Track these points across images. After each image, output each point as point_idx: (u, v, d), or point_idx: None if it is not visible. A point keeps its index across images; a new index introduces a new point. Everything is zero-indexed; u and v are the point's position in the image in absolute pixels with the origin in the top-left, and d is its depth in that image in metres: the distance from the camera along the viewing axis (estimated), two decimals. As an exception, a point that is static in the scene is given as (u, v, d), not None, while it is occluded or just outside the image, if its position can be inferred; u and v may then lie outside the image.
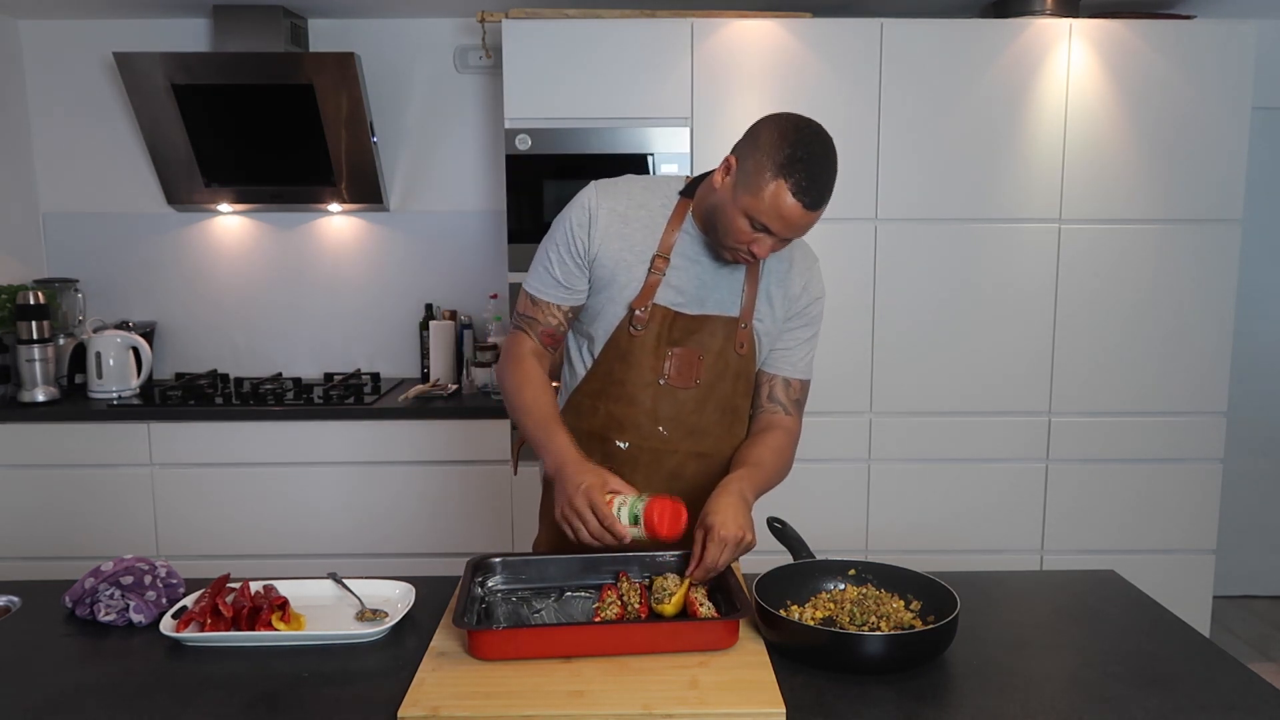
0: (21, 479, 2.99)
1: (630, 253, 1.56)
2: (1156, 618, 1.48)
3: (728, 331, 1.58)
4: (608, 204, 1.57)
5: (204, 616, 1.38)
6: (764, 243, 1.45)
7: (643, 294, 1.56)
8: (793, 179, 1.38)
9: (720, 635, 1.30)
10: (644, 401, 1.59)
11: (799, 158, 1.38)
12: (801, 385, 1.69)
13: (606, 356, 1.60)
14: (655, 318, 1.56)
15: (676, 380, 1.58)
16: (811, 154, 1.39)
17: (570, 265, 1.57)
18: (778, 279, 1.62)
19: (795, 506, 2.32)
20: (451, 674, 1.23)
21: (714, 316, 1.58)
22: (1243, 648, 3.30)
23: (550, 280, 1.59)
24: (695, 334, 1.57)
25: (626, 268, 1.56)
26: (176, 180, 3.31)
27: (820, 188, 1.39)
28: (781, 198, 1.39)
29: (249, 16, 3.13)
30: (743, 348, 1.60)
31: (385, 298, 3.51)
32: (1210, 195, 2.90)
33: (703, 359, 1.58)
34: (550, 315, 1.61)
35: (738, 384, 1.63)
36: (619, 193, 1.58)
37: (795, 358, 1.67)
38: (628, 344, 1.58)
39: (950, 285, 2.93)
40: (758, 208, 1.41)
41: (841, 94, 2.85)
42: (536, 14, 2.89)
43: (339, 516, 3.03)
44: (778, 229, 1.42)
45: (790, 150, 1.38)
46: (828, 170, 1.41)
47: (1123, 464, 3.00)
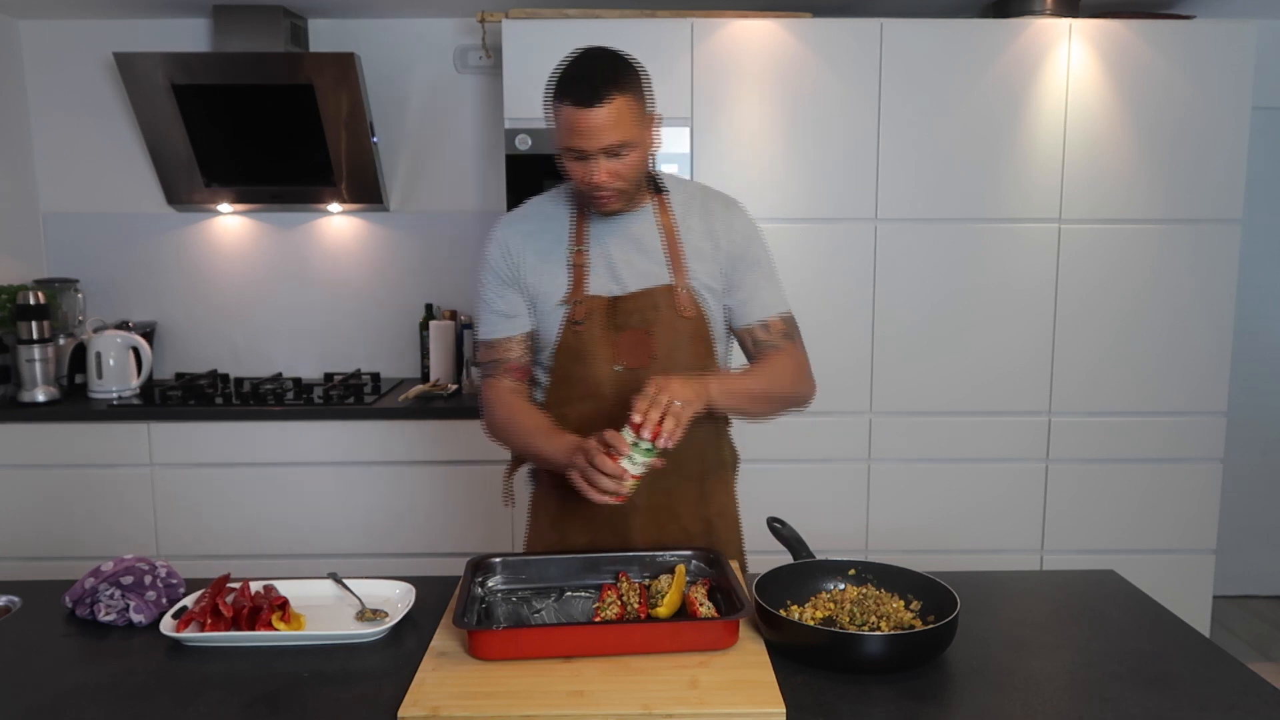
0: (21, 479, 2.99)
1: (549, 260, 1.60)
2: (1156, 618, 1.48)
3: (667, 300, 1.58)
4: (514, 228, 1.63)
5: (204, 616, 1.38)
6: (591, 168, 1.47)
7: (574, 288, 1.58)
8: (561, 91, 1.44)
9: (720, 635, 1.30)
10: (606, 392, 1.59)
11: (563, 74, 1.46)
12: (782, 320, 1.66)
13: (560, 361, 1.61)
14: (593, 308, 1.58)
15: (631, 362, 1.58)
16: (569, 63, 1.46)
17: (507, 294, 1.62)
18: (699, 233, 1.61)
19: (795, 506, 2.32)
20: (451, 674, 1.23)
21: (649, 290, 1.58)
22: (1243, 648, 3.30)
23: (495, 317, 1.63)
24: (636, 312, 1.58)
25: (550, 276, 1.59)
26: (176, 180, 3.31)
27: (583, 83, 1.43)
28: (560, 113, 1.45)
29: (249, 16, 3.13)
30: (687, 310, 1.59)
31: (385, 298, 3.51)
32: (1210, 195, 2.90)
33: (651, 334, 1.58)
34: (509, 350, 1.63)
35: (696, 347, 1.62)
36: (522, 216, 1.65)
37: (762, 300, 1.65)
38: (575, 342, 1.59)
39: (950, 285, 2.93)
40: (560, 138, 1.47)
41: (841, 94, 2.85)
42: (536, 14, 2.89)
43: (339, 516, 3.03)
44: (577, 142, 1.45)
45: (555, 75, 1.46)
46: (587, 66, 1.45)
47: (1123, 464, 3.00)
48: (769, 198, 2.88)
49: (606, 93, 1.42)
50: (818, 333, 2.92)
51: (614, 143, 1.45)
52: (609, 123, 1.43)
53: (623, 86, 1.44)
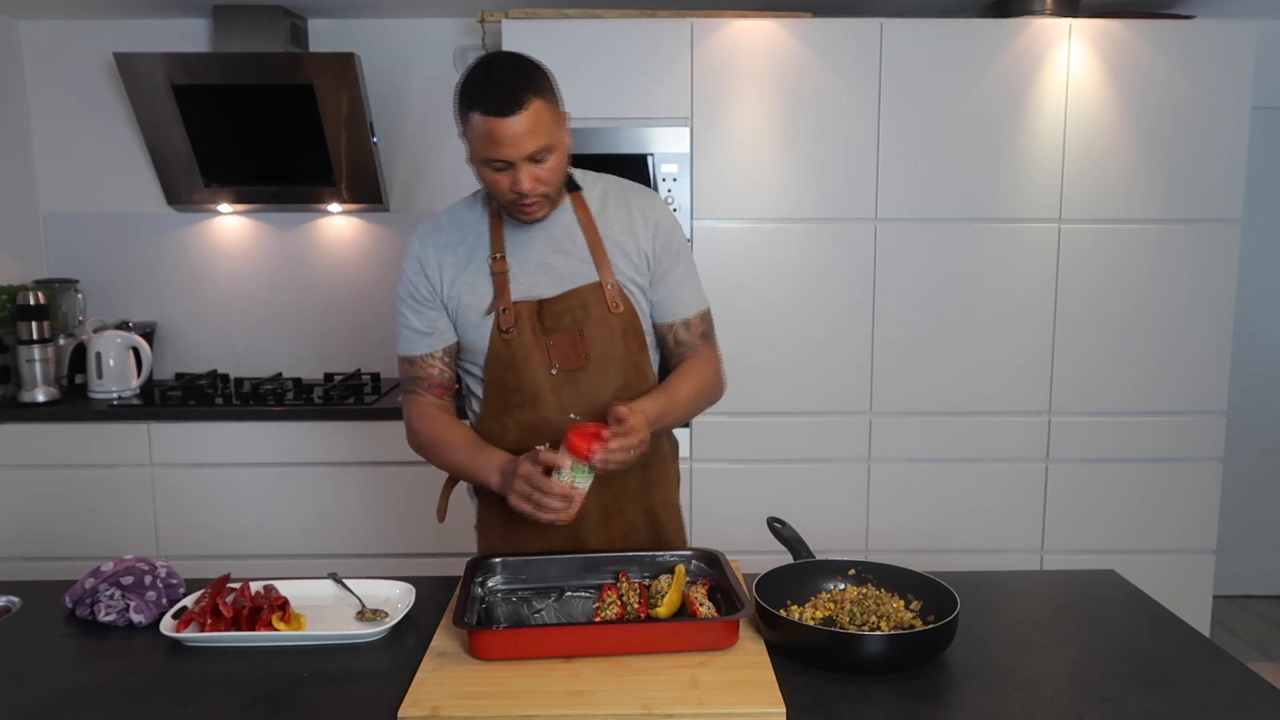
0: (21, 479, 2.99)
1: (467, 271, 1.57)
2: (1156, 618, 1.48)
3: (595, 298, 1.57)
4: (430, 241, 1.59)
5: (204, 616, 1.38)
6: (516, 176, 1.44)
7: (498, 296, 1.55)
8: (477, 102, 1.40)
9: (720, 635, 1.30)
10: (544, 397, 1.57)
11: (473, 83, 1.42)
12: (701, 318, 1.66)
13: (493, 371, 1.59)
14: (521, 314, 1.55)
15: (566, 364, 1.57)
16: (482, 72, 1.42)
17: (424, 311, 1.59)
18: (620, 227, 1.60)
19: (795, 506, 2.32)
20: (451, 674, 1.23)
21: (576, 290, 1.56)
22: (1243, 648, 3.30)
23: (413, 334, 1.61)
24: (566, 313, 1.56)
25: (470, 287, 1.57)
26: (176, 180, 3.31)
27: (501, 92, 1.39)
28: (478, 123, 1.41)
29: (249, 16, 3.13)
30: (617, 306, 1.58)
31: (385, 298, 3.51)
32: (1210, 195, 2.90)
33: (583, 334, 1.56)
34: (429, 367, 1.62)
35: (629, 342, 1.60)
36: (437, 228, 1.61)
37: (681, 295, 1.63)
38: (506, 350, 1.56)
39: (950, 285, 2.93)
40: (477, 149, 1.44)
41: (841, 94, 2.85)
42: (536, 14, 2.89)
43: (339, 516, 3.03)
44: (500, 153, 1.41)
45: (466, 83, 1.43)
46: (503, 74, 1.41)
47: (1123, 464, 3.00)
48: (769, 198, 2.88)
49: (524, 99, 1.39)
50: (818, 333, 2.94)
51: (537, 148, 1.42)
52: (529, 129, 1.40)
53: (537, 90, 1.41)
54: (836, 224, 2.91)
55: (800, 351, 2.94)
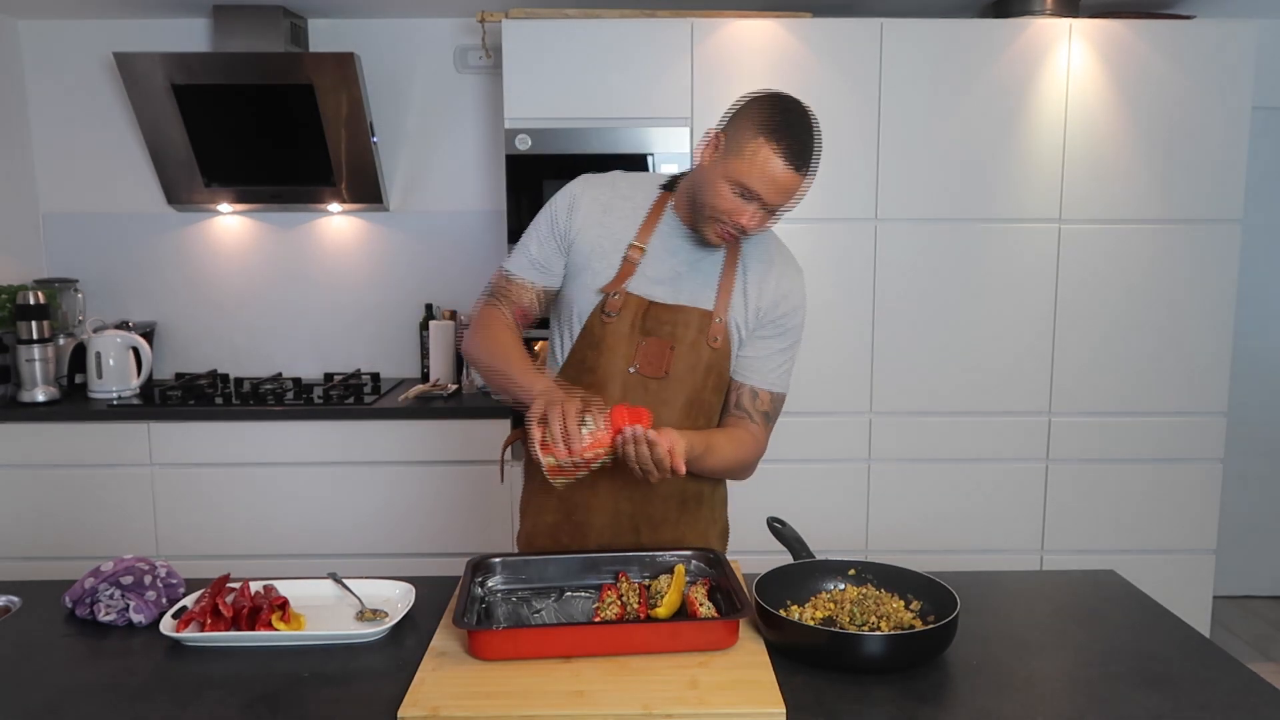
0: (21, 479, 2.99)
1: (608, 240, 1.58)
2: (1156, 618, 1.48)
3: (701, 324, 1.57)
4: (592, 192, 1.60)
5: (204, 616, 1.38)
6: (748, 212, 1.45)
7: (616, 279, 1.56)
8: (782, 141, 1.41)
9: (720, 635, 1.30)
10: (613, 390, 1.57)
11: (784, 121, 1.42)
12: (771, 398, 1.64)
13: (580, 344, 1.60)
14: (629, 305, 1.56)
15: (646, 369, 1.57)
16: (797, 118, 1.43)
17: (549, 247, 1.60)
18: (755, 277, 1.60)
19: (795, 506, 2.32)
20: (451, 674, 1.23)
21: (688, 307, 1.57)
22: (1243, 648, 3.30)
23: (526, 260, 1.61)
24: (667, 324, 1.57)
25: (602, 255, 1.57)
26: (176, 180, 3.31)
27: (805, 150, 1.42)
28: (768, 159, 1.41)
29: (249, 16, 3.13)
30: (716, 341, 1.58)
31: (385, 298, 3.51)
32: (1210, 195, 2.90)
33: (674, 349, 1.57)
34: (523, 294, 1.62)
35: (708, 378, 1.61)
36: (604, 183, 1.62)
37: (766, 367, 1.63)
38: (600, 331, 1.57)
39: (950, 285, 2.93)
40: (745, 170, 1.42)
41: (841, 94, 2.85)
42: (536, 14, 2.89)
43: (339, 516, 3.03)
44: (764, 191, 1.43)
45: (776, 115, 1.43)
46: (812, 135, 1.43)
47: (1123, 464, 3.00)
48: (769, 198, 2.88)
49: (815, 166, 1.43)
50: (818, 333, 2.93)
51: (783, 206, 1.46)
52: (797, 191, 1.44)
53: (817, 165, 1.45)
54: (836, 224, 2.91)
55: (801, 352, 2.93)
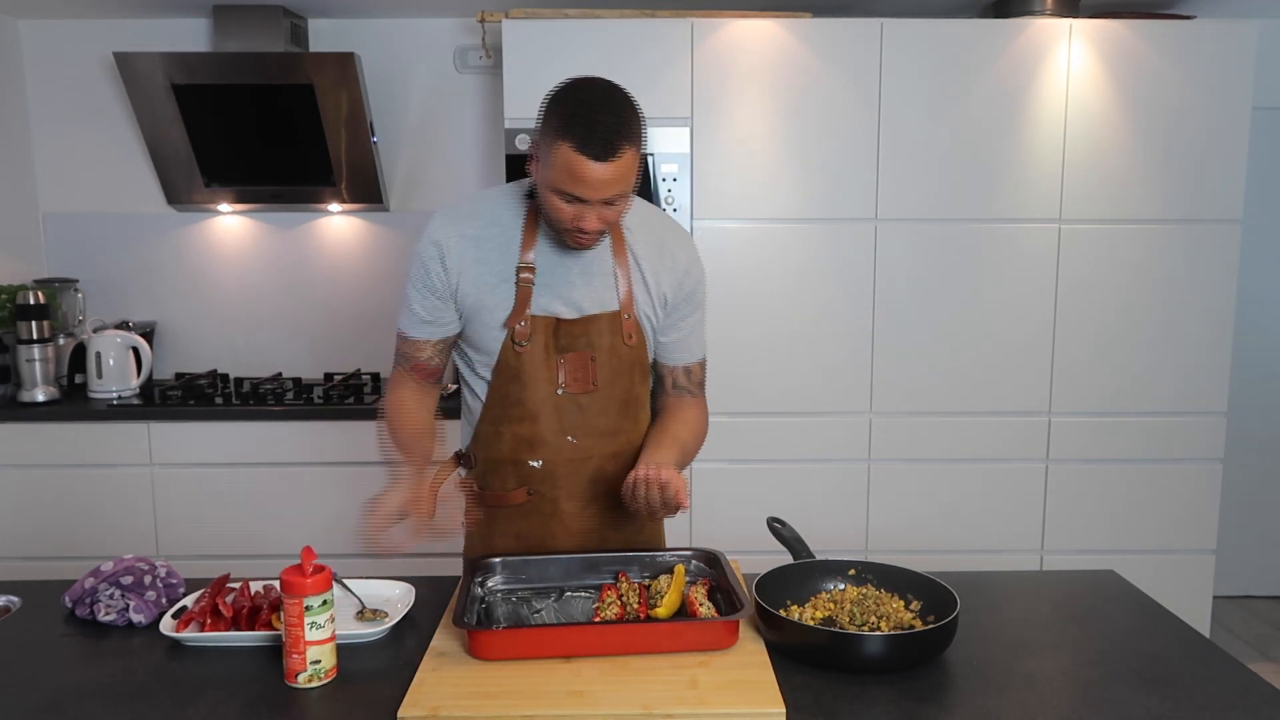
0: (21, 479, 2.99)
1: (491, 274, 1.52)
2: (1156, 618, 1.48)
3: (613, 327, 1.56)
4: (456, 230, 1.53)
5: (204, 616, 1.38)
6: (585, 214, 1.41)
7: (516, 310, 1.52)
8: (574, 136, 1.35)
9: (720, 635, 1.30)
10: (546, 415, 1.56)
11: (575, 114, 1.36)
12: (700, 366, 1.68)
13: (499, 379, 1.57)
14: (538, 328, 1.53)
15: (574, 387, 1.56)
16: (588, 106, 1.37)
17: (432, 300, 1.54)
18: (649, 264, 1.58)
19: (795, 506, 2.32)
20: (451, 674, 1.23)
21: (597, 315, 1.55)
22: (1243, 648, 3.30)
23: (414, 319, 1.57)
24: (581, 336, 1.55)
25: (490, 290, 1.52)
26: (176, 180, 3.31)
27: (604, 136, 1.35)
28: (569, 158, 1.36)
29: (249, 16, 3.13)
30: (631, 339, 1.57)
31: (385, 298, 3.51)
32: (1210, 195, 2.90)
33: (595, 359, 1.56)
34: (420, 351, 1.60)
35: (633, 374, 1.60)
36: (465, 216, 1.54)
37: (691, 344, 1.65)
38: (516, 362, 1.54)
39: (950, 285, 2.93)
40: (556, 177, 1.38)
41: (841, 94, 2.85)
42: (536, 14, 2.89)
43: (339, 516, 3.02)
44: (582, 192, 1.38)
45: (566, 109, 1.37)
46: (610, 116, 1.37)
47: (1123, 464, 3.00)
48: (769, 198, 2.88)
49: (620, 147, 1.36)
50: (818, 333, 2.94)
51: (616, 194, 1.40)
52: (616, 177, 1.38)
53: (633, 138, 1.38)
54: (836, 224, 2.91)
55: (800, 351, 2.94)
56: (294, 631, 1.22)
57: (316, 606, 1.23)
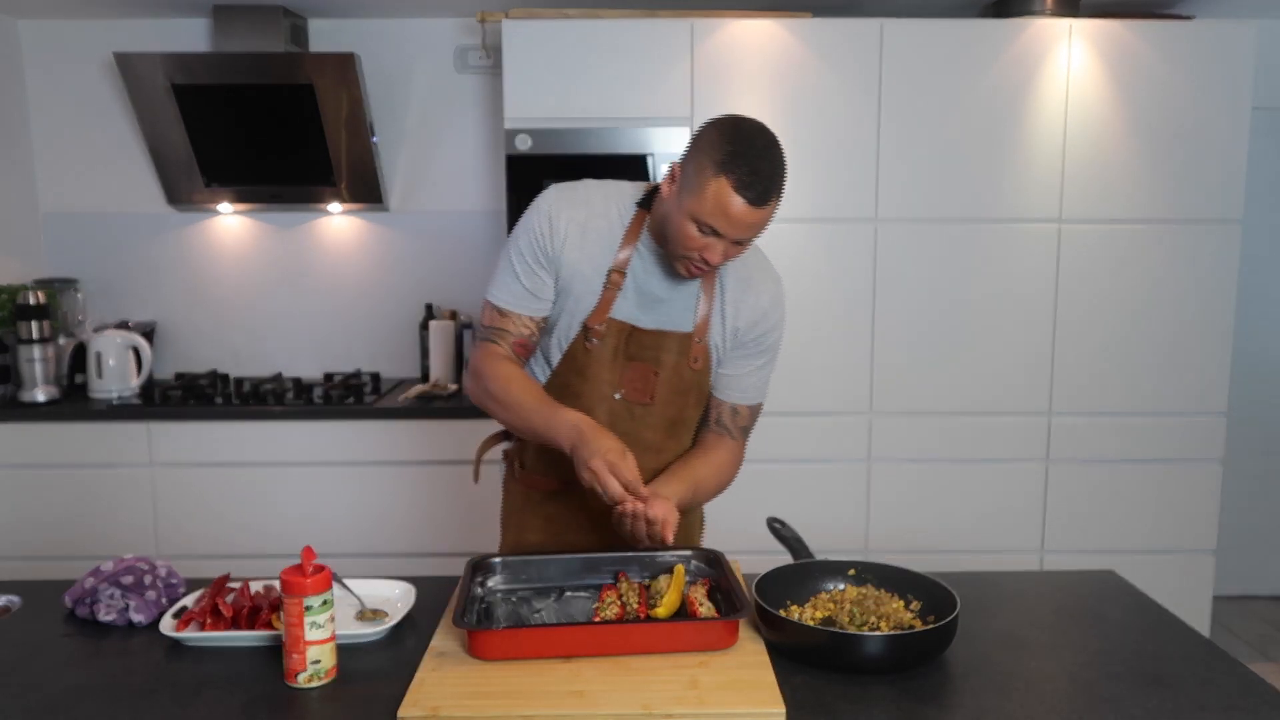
0: (21, 479, 2.99)
1: (588, 265, 1.53)
2: (1156, 618, 1.48)
3: (682, 347, 1.57)
4: (567, 213, 1.53)
5: (204, 616, 1.38)
6: (714, 248, 1.42)
7: (598, 309, 1.53)
8: (734, 174, 1.36)
9: (720, 635, 1.30)
10: (599, 416, 1.56)
11: (739, 153, 1.36)
12: (750, 411, 1.67)
13: (564, 369, 1.58)
14: (612, 331, 1.54)
15: (631, 395, 1.57)
16: (753, 149, 1.37)
17: (539, 273, 1.54)
18: (733, 297, 1.59)
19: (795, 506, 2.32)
20: (451, 674, 1.23)
21: (669, 332, 1.56)
22: (1243, 648, 3.30)
23: (519, 290, 1.55)
24: (650, 349, 1.56)
25: (583, 280, 1.54)
26: (176, 180, 3.31)
27: (763, 182, 1.37)
28: (724, 195, 1.36)
29: (249, 16, 3.13)
30: (697, 362, 1.58)
31: (385, 298, 3.51)
32: (1210, 195, 2.90)
33: (658, 374, 1.57)
34: (521, 326, 1.57)
35: (690, 397, 1.62)
36: (578, 201, 1.55)
37: (746, 384, 1.64)
38: (584, 357, 1.56)
39: (950, 285, 2.93)
40: (702, 208, 1.38)
41: (841, 94, 2.85)
42: (536, 14, 2.89)
43: (339, 516, 3.03)
44: (724, 229, 1.39)
45: (731, 147, 1.37)
46: (770, 165, 1.38)
47: (1123, 464, 3.00)
48: (769, 198, 2.88)
49: (773, 195, 1.39)
50: (818, 333, 2.94)
51: (751, 237, 1.43)
52: (760, 221, 1.40)
53: (781, 190, 1.40)
54: (836, 224, 2.91)
55: (800, 352, 2.93)
56: (294, 631, 1.22)
57: (316, 606, 1.23)
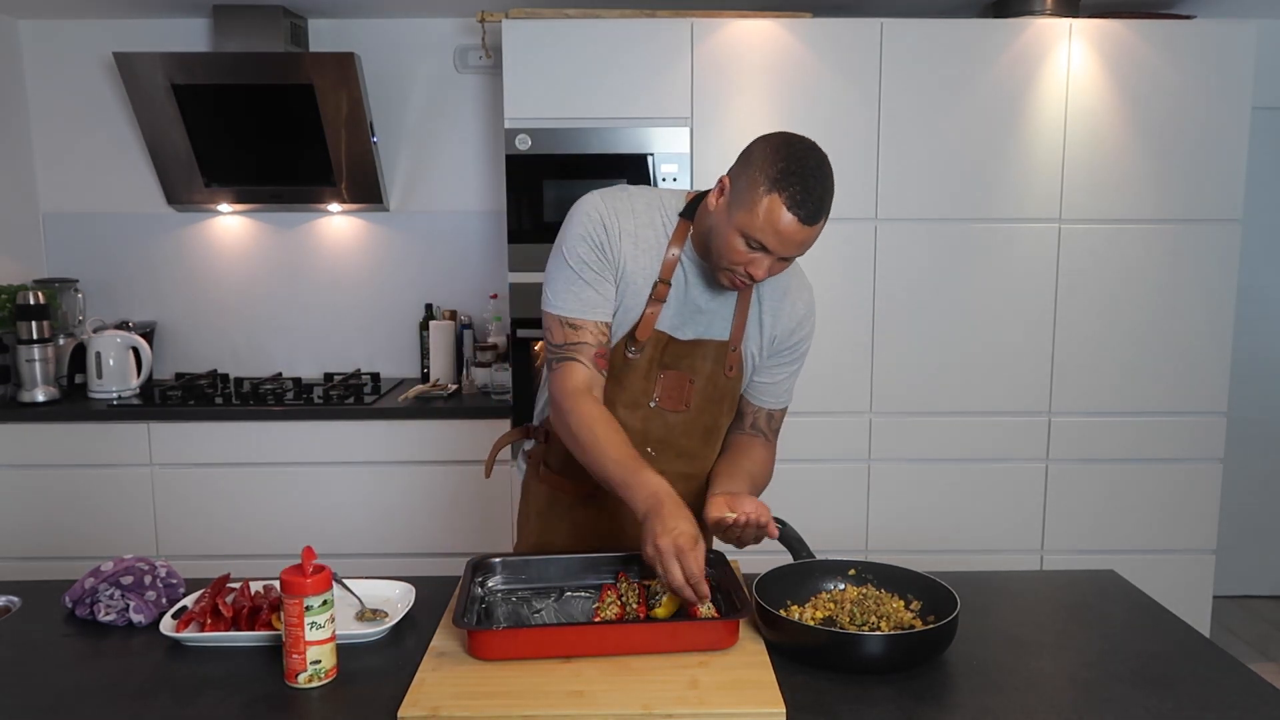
0: (21, 479, 2.99)
1: (639, 273, 1.52)
2: (1156, 618, 1.48)
3: (718, 355, 1.57)
4: (619, 219, 1.51)
5: (204, 616, 1.38)
6: (761, 263, 1.42)
7: (645, 322, 1.52)
8: (787, 192, 1.35)
9: (720, 635, 1.30)
10: (633, 423, 1.56)
11: (793, 171, 1.36)
12: (782, 413, 1.70)
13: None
14: (650, 340, 1.54)
15: (667, 403, 1.57)
16: (805, 167, 1.37)
17: (605, 279, 1.51)
18: (770, 306, 1.59)
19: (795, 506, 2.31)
20: (451, 674, 1.23)
21: (705, 341, 1.56)
22: (1243, 648, 3.30)
23: (590, 297, 1.50)
24: (686, 358, 1.56)
25: (634, 289, 1.52)
26: (176, 180, 3.31)
27: (815, 201, 1.37)
28: (776, 212, 1.36)
29: (249, 16, 3.13)
30: (731, 371, 1.59)
31: (385, 298, 3.51)
32: (1210, 195, 2.90)
33: (693, 383, 1.57)
34: (599, 334, 1.51)
35: (724, 404, 1.62)
36: (624, 209, 1.53)
37: (780, 389, 1.66)
38: (622, 365, 1.55)
39: (950, 285, 2.93)
40: (753, 224, 1.38)
41: (841, 94, 2.85)
42: (536, 14, 2.89)
43: (339, 516, 3.03)
44: (773, 245, 1.38)
45: (784, 164, 1.37)
46: (822, 184, 1.38)
47: (1123, 464, 3.00)
48: (769, 198, 2.88)
49: (823, 215, 1.39)
50: (818, 333, 2.92)
51: (798, 255, 1.43)
52: (808, 239, 1.40)
53: (830, 209, 1.40)
54: (836, 224, 2.88)
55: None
56: (294, 631, 1.22)
57: (316, 606, 1.23)
